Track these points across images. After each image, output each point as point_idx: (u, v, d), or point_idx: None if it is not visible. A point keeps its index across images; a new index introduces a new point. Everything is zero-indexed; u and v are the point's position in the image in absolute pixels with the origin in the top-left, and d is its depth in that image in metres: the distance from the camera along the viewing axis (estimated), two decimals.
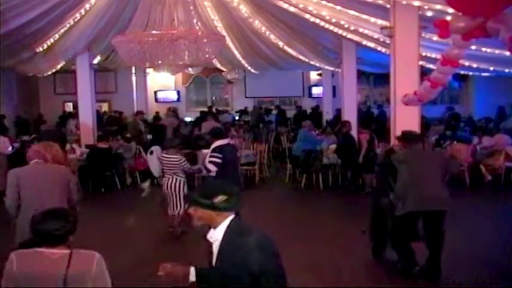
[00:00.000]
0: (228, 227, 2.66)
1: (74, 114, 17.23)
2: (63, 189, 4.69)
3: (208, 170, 6.83)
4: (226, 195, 2.65)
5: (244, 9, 10.36)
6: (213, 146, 6.97)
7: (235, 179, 6.70)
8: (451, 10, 5.63)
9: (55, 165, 4.82)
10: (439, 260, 5.62)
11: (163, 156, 7.53)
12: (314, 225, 8.02)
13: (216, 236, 2.69)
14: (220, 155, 6.82)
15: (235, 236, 2.63)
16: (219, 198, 2.63)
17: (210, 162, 6.81)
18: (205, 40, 7.91)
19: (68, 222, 2.86)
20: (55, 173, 4.73)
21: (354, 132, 11.17)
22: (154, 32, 7.62)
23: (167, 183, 7.36)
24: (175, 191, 7.29)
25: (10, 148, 11.33)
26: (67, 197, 4.72)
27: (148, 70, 19.41)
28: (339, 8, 8.27)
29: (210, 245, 2.76)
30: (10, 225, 4.82)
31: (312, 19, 9.58)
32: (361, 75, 16.60)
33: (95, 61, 14.16)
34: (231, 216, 2.69)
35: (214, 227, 2.70)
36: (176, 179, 7.30)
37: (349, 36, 10.85)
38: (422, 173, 5.54)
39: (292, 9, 9.10)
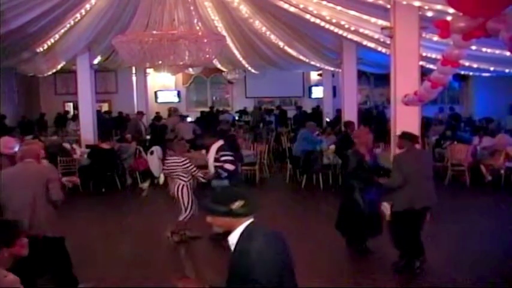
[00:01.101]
0: (244, 231, 2.61)
1: (75, 116, 17.27)
2: (43, 187, 4.80)
3: (228, 171, 6.73)
4: (244, 200, 2.60)
5: (244, 10, 10.37)
6: (217, 145, 6.89)
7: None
8: (451, 10, 5.63)
9: (40, 165, 5.02)
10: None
11: (166, 159, 7.30)
12: (314, 225, 8.02)
13: (231, 239, 2.65)
14: (232, 153, 6.85)
15: (244, 240, 2.58)
16: (237, 204, 2.57)
17: (227, 161, 6.74)
18: (205, 40, 7.90)
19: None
20: (37, 173, 4.88)
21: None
22: (154, 32, 7.61)
23: (173, 187, 7.06)
24: (177, 195, 6.97)
25: (17, 148, 10.98)
26: (47, 196, 4.81)
27: (149, 70, 19.43)
28: (339, 8, 8.27)
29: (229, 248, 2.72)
30: None
31: (313, 19, 9.58)
32: (361, 75, 16.61)
33: (96, 61, 14.17)
34: (249, 221, 2.63)
35: (233, 231, 2.66)
36: (177, 182, 6.97)
37: (350, 36, 10.85)
38: (418, 173, 5.74)
39: (292, 9, 9.10)
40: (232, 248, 2.63)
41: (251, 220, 2.64)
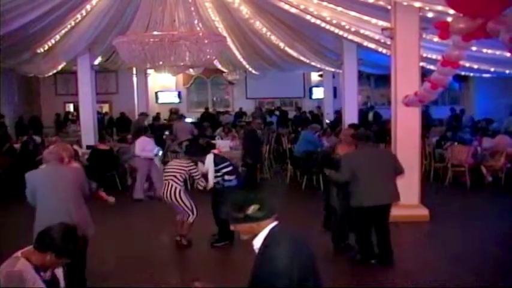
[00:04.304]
0: (267, 235, 2.55)
1: (75, 118, 17.32)
2: (77, 188, 4.83)
3: (229, 181, 6.87)
4: (259, 203, 2.55)
5: (245, 10, 10.38)
6: (211, 158, 6.97)
7: None
8: (451, 11, 5.64)
9: (69, 166, 4.99)
10: (390, 246, 6.00)
11: (172, 161, 7.28)
12: (315, 225, 8.01)
13: (256, 243, 2.59)
14: (229, 162, 7.01)
15: (268, 245, 2.52)
16: (252, 209, 2.52)
17: (228, 173, 6.88)
18: (206, 41, 7.89)
19: (58, 241, 2.97)
20: (70, 174, 4.88)
21: None
22: (155, 32, 7.61)
23: (165, 191, 6.82)
24: (175, 197, 6.75)
25: (156, 151, 10.03)
26: (81, 196, 4.87)
27: (149, 71, 19.44)
28: (339, 9, 8.28)
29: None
30: None
31: (313, 20, 9.59)
32: (362, 76, 16.60)
33: (96, 62, 14.18)
34: (273, 224, 2.58)
35: (258, 235, 2.61)
36: (172, 186, 6.75)
37: (350, 37, 10.86)
38: (372, 171, 5.82)
39: (293, 10, 9.11)
40: (257, 252, 2.57)
41: (275, 223, 2.58)
